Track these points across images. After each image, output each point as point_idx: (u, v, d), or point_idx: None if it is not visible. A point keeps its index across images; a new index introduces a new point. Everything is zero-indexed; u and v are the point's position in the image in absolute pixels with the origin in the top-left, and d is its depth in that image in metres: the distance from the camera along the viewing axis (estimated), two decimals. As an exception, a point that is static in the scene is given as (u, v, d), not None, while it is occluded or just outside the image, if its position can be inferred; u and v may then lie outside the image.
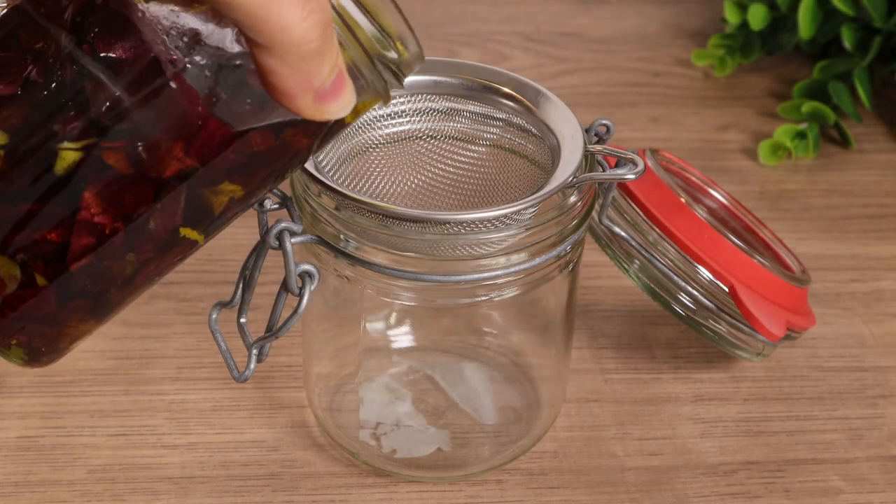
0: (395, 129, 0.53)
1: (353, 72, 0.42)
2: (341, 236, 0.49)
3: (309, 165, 0.48)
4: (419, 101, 0.53)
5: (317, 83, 0.39)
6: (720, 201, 0.63)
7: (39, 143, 0.39)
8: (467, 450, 0.55)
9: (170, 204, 0.41)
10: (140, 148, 0.40)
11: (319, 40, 0.38)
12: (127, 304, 0.44)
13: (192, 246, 0.43)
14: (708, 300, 0.57)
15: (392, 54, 0.43)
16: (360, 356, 0.57)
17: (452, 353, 0.57)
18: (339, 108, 0.41)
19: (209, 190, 0.42)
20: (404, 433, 0.55)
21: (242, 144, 0.41)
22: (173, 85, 0.40)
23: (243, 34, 0.38)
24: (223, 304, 0.51)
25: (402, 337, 0.57)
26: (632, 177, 0.49)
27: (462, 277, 0.49)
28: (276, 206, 0.50)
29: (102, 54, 0.39)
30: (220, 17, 0.40)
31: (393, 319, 0.57)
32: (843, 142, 0.78)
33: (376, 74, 0.43)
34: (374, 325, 0.57)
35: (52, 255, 0.40)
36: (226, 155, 0.41)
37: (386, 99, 0.44)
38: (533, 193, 0.48)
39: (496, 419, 0.56)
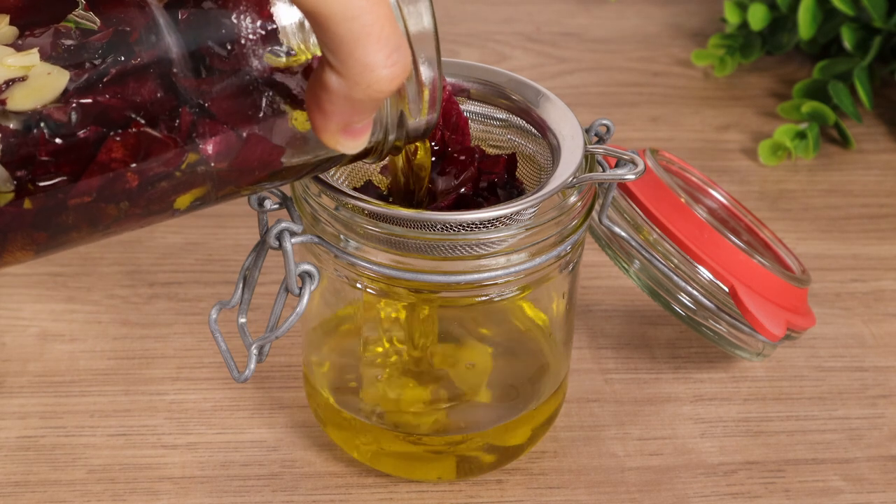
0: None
1: (378, 120, 0.44)
2: (341, 236, 0.49)
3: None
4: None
5: (355, 120, 0.40)
6: (720, 201, 0.63)
7: (91, 85, 0.39)
8: (467, 426, 0.55)
9: (186, 180, 0.42)
10: (190, 122, 0.40)
11: (389, 92, 0.39)
12: (73, 248, 0.44)
13: (172, 216, 0.44)
14: (708, 300, 0.57)
15: (416, 118, 0.44)
16: (361, 353, 0.57)
17: (452, 349, 0.57)
18: (353, 146, 0.42)
19: (225, 185, 0.43)
20: (405, 413, 0.55)
21: (272, 163, 0.43)
22: (243, 88, 0.41)
23: (321, 47, 0.39)
24: (223, 304, 0.51)
25: (402, 334, 0.57)
26: (632, 177, 0.49)
27: (462, 277, 0.49)
28: (276, 206, 0.50)
29: (186, 28, 0.40)
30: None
31: (393, 319, 0.57)
32: (843, 142, 0.78)
33: (395, 132, 0.44)
34: (374, 325, 0.57)
35: (54, 186, 0.40)
36: (254, 165, 0.42)
37: (381, 157, 0.45)
38: (533, 193, 0.48)
39: (496, 407, 0.56)
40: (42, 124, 0.39)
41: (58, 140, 0.39)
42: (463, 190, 0.52)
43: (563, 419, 0.59)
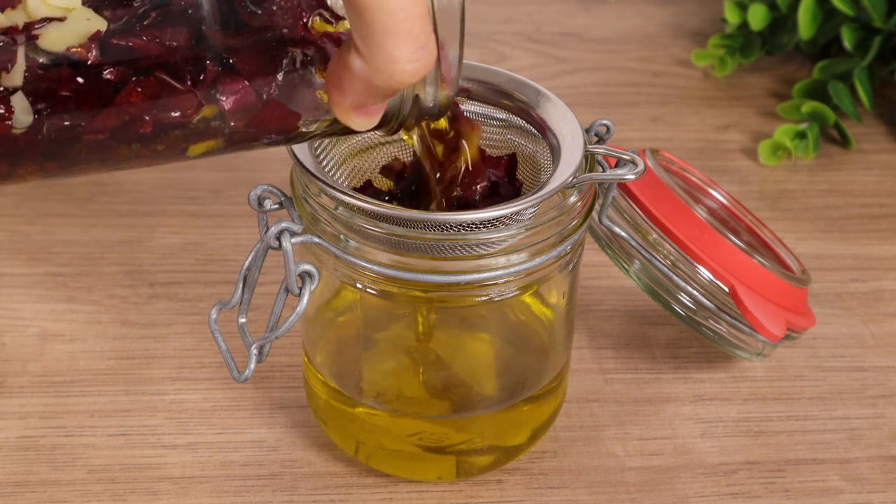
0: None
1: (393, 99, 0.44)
2: (341, 236, 0.49)
3: (309, 165, 0.48)
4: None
5: (370, 102, 0.41)
6: (720, 201, 0.63)
7: (124, 31, 0.40)
8: (469, 413, 0.55)
9: (200, 131, 0.42)
10: (214, 76, 0.41)
11: (409, 84, 0.40)
12: (80, 176, 0.44)
13: (182, 161, 0.44)
14: (708, 300, 0.57)
15: (431, 98, 0.44)
16: (361, 353, 0.57)
17: (452, 348, 0.57)
18: (364, 124, 0.42)
19: (235, 135, 0.43)
20: (406, 402, 0.55)
21: (287, 127, 0.43)
22: (271, 49, 0.41)
23: (351, 30, 0.39)
24: (223, 304, 0.51)
25: (402, 333, 0.57)
26: (632, 177, 0.49)
27: (462, 277, 0.49)
28: (276, 206, 0.50)
29: None
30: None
31: (393, 318, 0.57)
32: (843, 142, 0.78)
33: (408, 108, 0.44)
34: (375, 324, 0.57)
35: (70, 121, 0.40)
36: (270, 127, 0.43)
37: (393, 132, 0.45)
38: (533, 193, 0.48)
39: (494, 398, 0.56)
40: (68, 63, 0.39)
41: (80, 79, 0.39)
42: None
43: (563, 419, 0.59)
